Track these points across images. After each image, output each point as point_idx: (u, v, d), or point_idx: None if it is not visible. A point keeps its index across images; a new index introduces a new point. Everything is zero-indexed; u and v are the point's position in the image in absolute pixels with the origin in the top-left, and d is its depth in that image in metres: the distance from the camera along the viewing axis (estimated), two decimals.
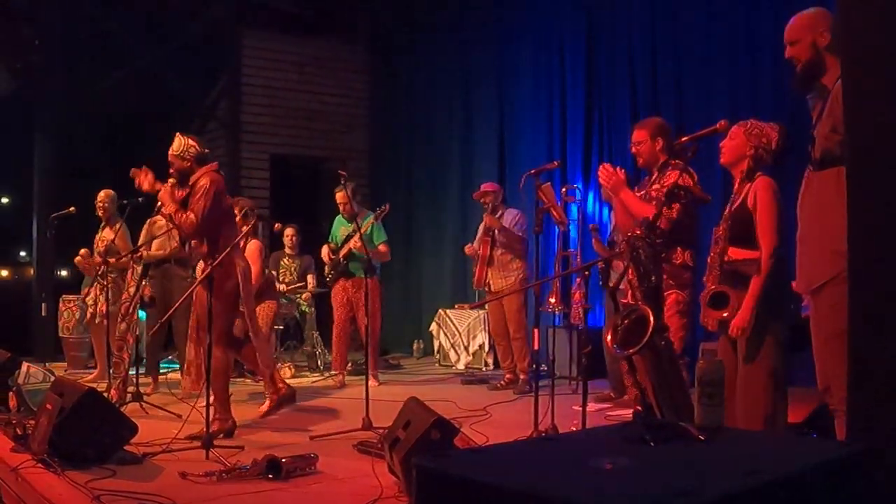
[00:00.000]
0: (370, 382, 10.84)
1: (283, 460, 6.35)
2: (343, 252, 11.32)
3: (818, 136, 4.82)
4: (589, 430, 5.29)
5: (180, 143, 8.24)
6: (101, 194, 11.19)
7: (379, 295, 11.37)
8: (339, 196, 11.36)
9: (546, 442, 3.87)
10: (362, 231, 10.70)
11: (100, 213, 11.21)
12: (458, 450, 4.90)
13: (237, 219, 9.61)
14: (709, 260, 6.05)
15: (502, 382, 11.08)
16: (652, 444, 3.51)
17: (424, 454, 3.46)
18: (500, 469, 3.09)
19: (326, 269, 11.69)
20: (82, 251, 11.58)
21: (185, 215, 8.03)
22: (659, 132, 7.23)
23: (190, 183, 8.15)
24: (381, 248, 11.29)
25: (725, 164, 6.13)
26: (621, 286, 6.65)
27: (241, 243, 9.41)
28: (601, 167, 7.16)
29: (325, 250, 11.68)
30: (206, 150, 8.38)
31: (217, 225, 8.15)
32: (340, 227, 11.64)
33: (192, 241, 8.37)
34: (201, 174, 8.14)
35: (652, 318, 5.20)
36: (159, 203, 8.48)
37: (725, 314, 5.76)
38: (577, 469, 3.13)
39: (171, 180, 8.29)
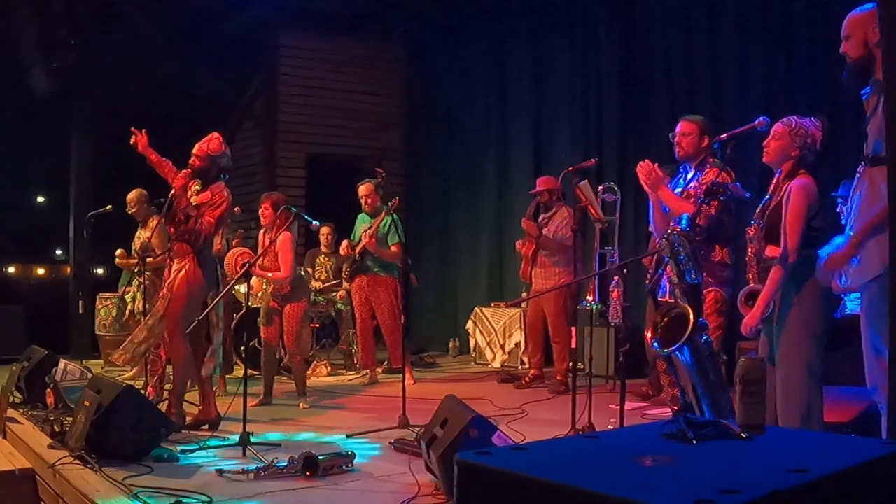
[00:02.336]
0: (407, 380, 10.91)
1: (320, 458, 6.34)
2: (359, 248, 11.22)
3: (870, 132, 4.76)
4: (630, 427, 5.26)
5: (220, 148, 8.31)
6: (131, 195, 11.17)
7: (395, 292, 11.27)
8: (362, 189, 11.26)
9: (588, 439, 3.84)
10: (374, 227, 10.72)
11: (131, 213, 11.21)
12: (499, 446, 4.88)
13: (269, 211, 9.65)
14: (747, 258, 6.01)
15: (527, 379, 11.09)
16: (694, 441, 3.48)
17: (465, 451, 3.43)
18: (542, 465, 3.06)
19: (344, 266, 11.61)
20: (118, 251, 11.58)
21: (197, 222, 8.13)
22: (707, 129, 7.19)
23: (210, 189, 8.21)
24: (394, 248, 11.03)
25: (769, 162, 6.08)
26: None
27: (270, 236, 9.46)
28: (640, 164, 7.12)
29: (343, 245, 11.60)
30: (232, 165, 8.47)
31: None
32: (362, 224, 11.47)
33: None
34: (223, 187, 8.28)
35: (692, 316, 5.17)
36: (173, 192, 8.40)
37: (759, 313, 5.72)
38: (620, 466, 3.11)
39: (186, 171, 8.31)
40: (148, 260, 10.53)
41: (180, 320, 8.11)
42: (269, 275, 9.50)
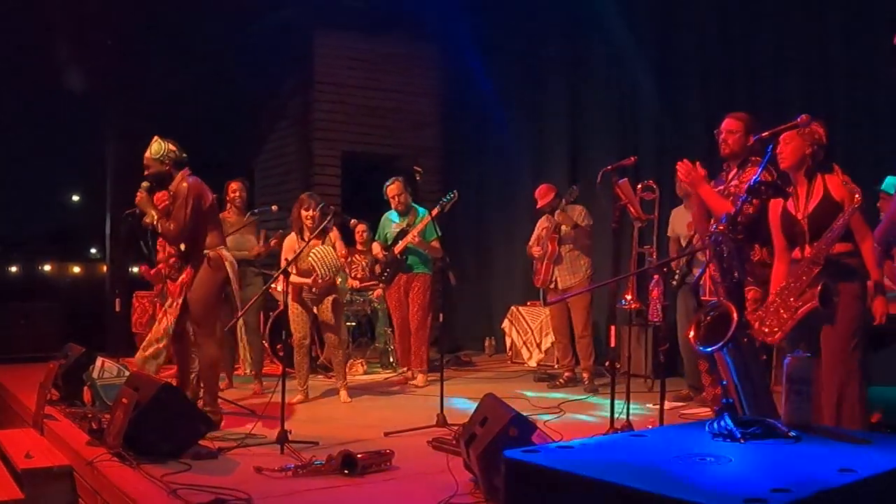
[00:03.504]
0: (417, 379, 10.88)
1: (359, 456, 6.32)
2: (399, 248, 11.15)
3: None
4: (676, 426, 5.22)
5: (160, 147, 8.25)
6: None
7: (428, 290, 11.23)
8: (392, 189, 11.19)
9: (635, 438, 3.81)
10: (423, 224, 10.71)
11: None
12: (547, 445, 4.85)
13: (312, 213, 9.65)
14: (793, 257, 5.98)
15: (561, 381, 11.04)
16: (742, 440, 3.46)
17: (510, 449, 3.40)
18: (591, 464, 3.04)
19: (379, 267, 11.55)
20: (142, 267, 11.49)
21: (166, 224, 8.10)
22: (752, 127, 7.13)
23: (170, 189, 8.21)
24: (434, 244, 11.01)
25: (788, 168, 6.13)
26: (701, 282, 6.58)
27: (315, 240, 9.47)
28: (680, 163, 7.08)
29: (376, 247, 11.54)
30: (185, 155, 8.33)
31: (196, 228, 8.17)
32: (391, 224, 11.40)
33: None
34: (180, 179, 8.16)
35: (735, 315, 5.13)
36: (136, 210, 8.44)
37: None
38: (669, 465, 3.08)
39: (144, 184, 8.31)
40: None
41: (203, 323, 8.14)
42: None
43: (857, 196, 5.77)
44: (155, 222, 8.20)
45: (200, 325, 8.14)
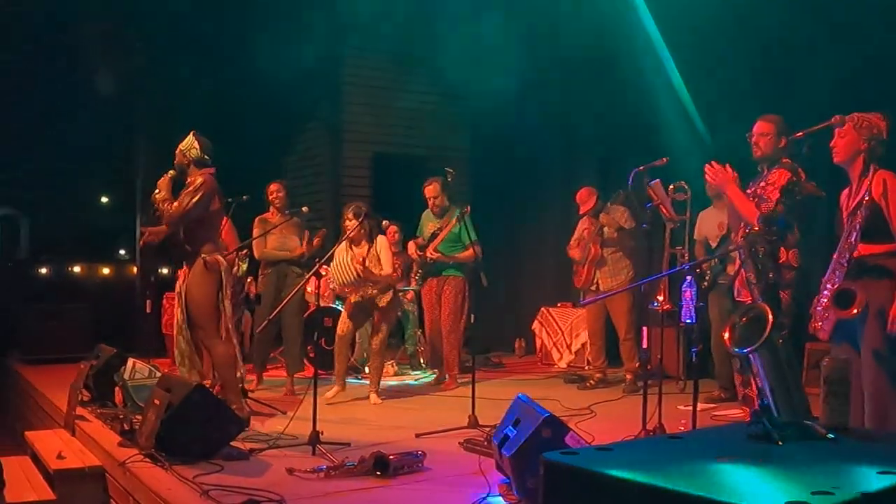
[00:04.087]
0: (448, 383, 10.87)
1: (391, 457, 6.32)
2: (428, 254, 11.16)
3: None
4: (713, 428, 5.20)
5: (188, 142, 8.40)
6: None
7: (463, 293, 11.18)
8: (429, 190, 11.21)
9: (673, 440, 3.79)
10: (445, 232, 10.73)
11: None
12: (587, 447, 4.84)
13: (350, 221, 9.69)
14: (835, 257, 5.92)
15: (592, 382, 11.03)
16: (780, 442, 3.43)
17: (548, 451, 3.39)
18: (630, 466, 3.02)
19: (415, 266, 11.55)
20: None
21: (170, 204, 8.20)
22: (783, 129, 7.08)
23: (187, 182, 8.28)
24: (461, 254, 11.02)
25: (840, 162, 6.04)
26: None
27: (349, 244, 9.53)
28: (708, 165, 7.04)
29: (411, 246, 11.55)
30: (207, 157, 8.41)
31: (199, 223, 8.24)
32: (428, 223, 11.43)
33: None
34: (197, 174, 8.26)
35: (771, 316, 5.10)
36: (157, 189, 8.48)
37: (855, 311, 5.61)
38: (708, 467, 3.06)
39: (171, 172, 8.46)
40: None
41: (202, 325, 8.16)
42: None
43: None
44: (159, 200, 8.32)
45: (201, 328, 8.18)
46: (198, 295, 8.13)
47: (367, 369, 10.84)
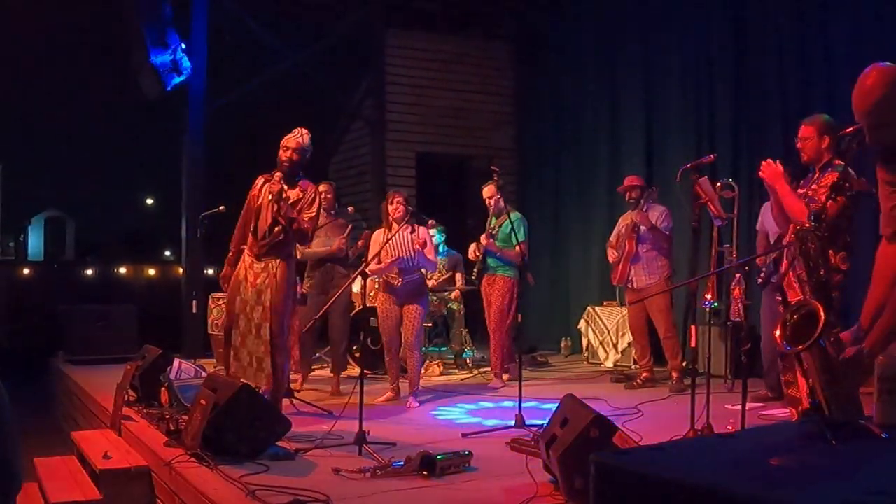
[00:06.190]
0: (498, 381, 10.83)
1: (438, 457, 6.29)
2: (479, 249, 11.15)
3: None
4: (766, 427, 5.14)
5: (309, 141, 8.49)
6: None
7: (511, 292, 11.10)
8: (486, 191, 11.15)
9: (725, 440, 3.74)
10: (496, 228, 10.72)
11: None
12: (638, 447, 4.79)
13: (396, 205, 9.74)
14: None
15: (639, 381, 10.96)
16: (833, 442, 3.37)
17: (596, 451, 3.35)
18: (682, 466, 2.98)
19: (476, 266, 11.56)
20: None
21: (304, 220, 8.28)
22: (826, 130, 6.99)
23: (300, 186, 8.38)
24: (511, 251, 10.90)
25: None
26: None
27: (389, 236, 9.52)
28: (764, 162, 6.97)
29: (472, 248, 11.53)
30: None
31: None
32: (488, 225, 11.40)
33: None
34: (308, 182, 8.41)
35: (822, 314, 5.02)
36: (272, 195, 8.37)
37: None
38: (762, 468, 3.01)
39: (278, 174, 8.37)
40: None
41: (284, 325, 8.18)
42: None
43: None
44: (289, 213, 8.24)
45: (281, 328, 8.25)
46: (283, 297, 8.18)
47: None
